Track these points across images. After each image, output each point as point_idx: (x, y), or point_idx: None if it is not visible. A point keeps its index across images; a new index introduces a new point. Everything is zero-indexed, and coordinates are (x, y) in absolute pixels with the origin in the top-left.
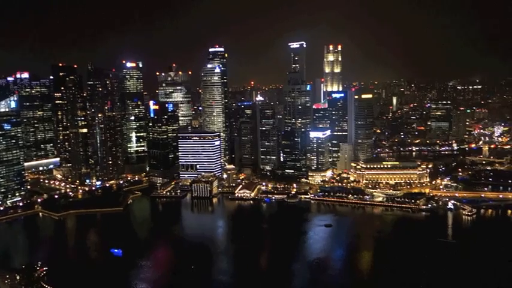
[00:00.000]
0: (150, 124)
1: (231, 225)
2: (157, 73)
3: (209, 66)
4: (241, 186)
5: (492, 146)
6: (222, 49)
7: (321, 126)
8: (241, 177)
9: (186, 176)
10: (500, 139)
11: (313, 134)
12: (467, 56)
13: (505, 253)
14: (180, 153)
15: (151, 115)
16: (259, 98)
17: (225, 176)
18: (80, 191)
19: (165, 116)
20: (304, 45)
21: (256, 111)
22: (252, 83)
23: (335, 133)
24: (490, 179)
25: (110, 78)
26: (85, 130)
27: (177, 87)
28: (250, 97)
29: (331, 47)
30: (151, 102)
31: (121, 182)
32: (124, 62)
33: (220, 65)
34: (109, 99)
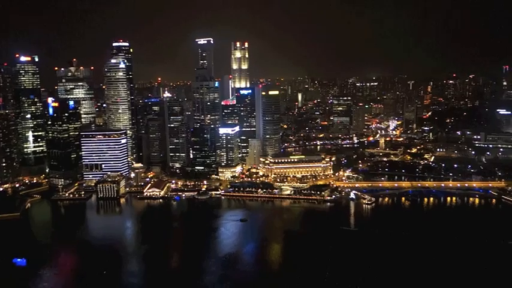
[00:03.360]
0: (49, 122)
1: (140, 225)
2: (56, 68)
3: (113, 61)
4: (150, 185)
5: (387, 139)
6: (126, 44)
7: (229, 122)
8: (150, 176)
9: (90, 176)
10: (394, 132)
11: (222, 131)
12: (365, 55)
13: (404, 237)
14: (83, 152)
15: (51, 113)
16: (167, 94)
17: (132, 175)
18: None
19: (66, 114)
20: (212, 42)
21: (164, 107)
22: (160, 79)
23: (244, 129)
24: (386, 170)
25: (1, 73)
26: None
27: (79, 83)
28: (157, 93)
29: (238, 44)
30: (49, 99)
31: (17, 185)
32: (17, 56)
33: (125, 60)
34: (1, 95)
